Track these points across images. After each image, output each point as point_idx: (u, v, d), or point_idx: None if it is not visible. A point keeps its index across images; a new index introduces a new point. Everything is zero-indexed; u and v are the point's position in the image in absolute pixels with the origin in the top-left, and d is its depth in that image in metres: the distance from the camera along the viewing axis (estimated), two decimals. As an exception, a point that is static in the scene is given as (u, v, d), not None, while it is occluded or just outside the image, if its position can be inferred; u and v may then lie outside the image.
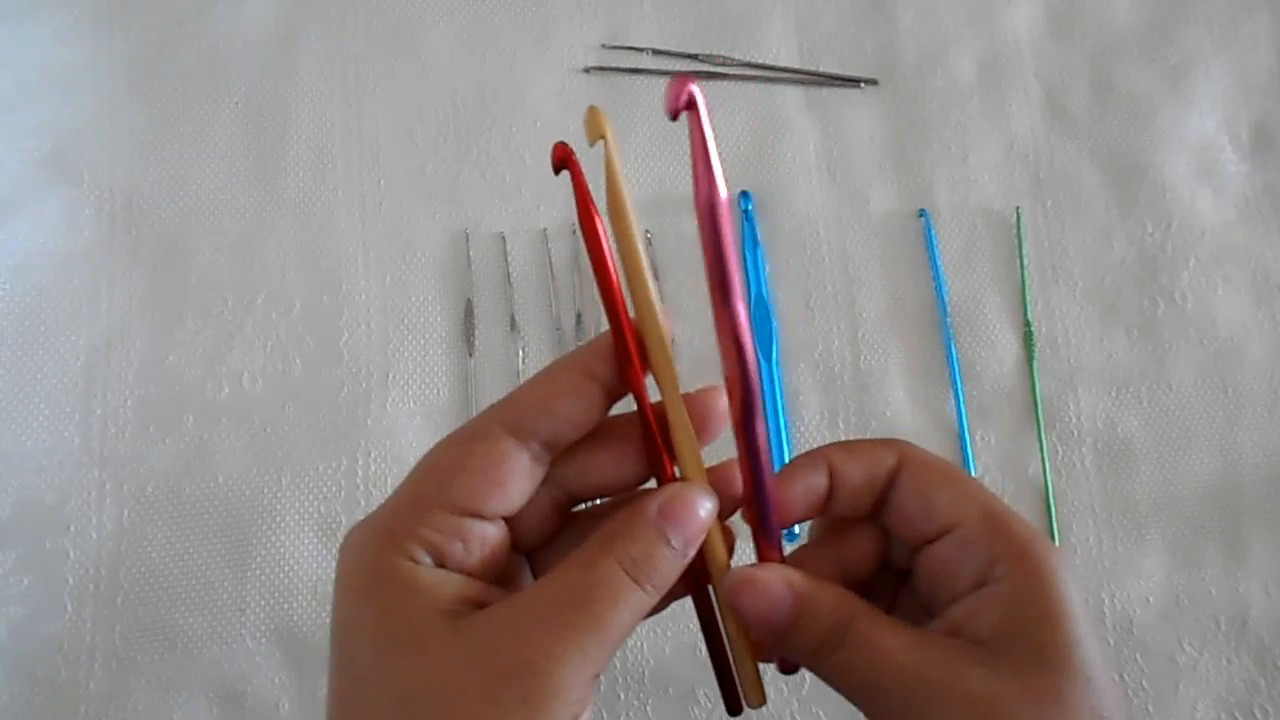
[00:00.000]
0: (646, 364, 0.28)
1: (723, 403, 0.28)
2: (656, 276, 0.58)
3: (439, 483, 0.27)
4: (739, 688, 0.30)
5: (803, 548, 0.31)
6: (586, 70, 0.62)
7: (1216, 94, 0.64)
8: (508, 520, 0.28)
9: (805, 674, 0.31)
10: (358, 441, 0.55)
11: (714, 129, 0.27)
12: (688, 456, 0.28)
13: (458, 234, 0.58)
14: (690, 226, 0.60)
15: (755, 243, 0.58)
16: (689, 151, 0.27)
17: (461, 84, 0.61)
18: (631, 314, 0.28)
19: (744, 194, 0.59)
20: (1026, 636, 0.25)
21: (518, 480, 0.27)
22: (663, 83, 0.62)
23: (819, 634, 0.27)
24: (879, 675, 0.26)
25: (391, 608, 0.25)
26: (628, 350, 0.27)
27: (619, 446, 0.29)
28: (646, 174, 0.60)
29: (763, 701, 0.30)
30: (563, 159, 0.28)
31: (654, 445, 0.28)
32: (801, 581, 0.27)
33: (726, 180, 0.27)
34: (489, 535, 0.27)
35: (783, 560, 0.29)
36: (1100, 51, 0.64)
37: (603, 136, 0.27)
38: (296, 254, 0.57)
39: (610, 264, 0.28)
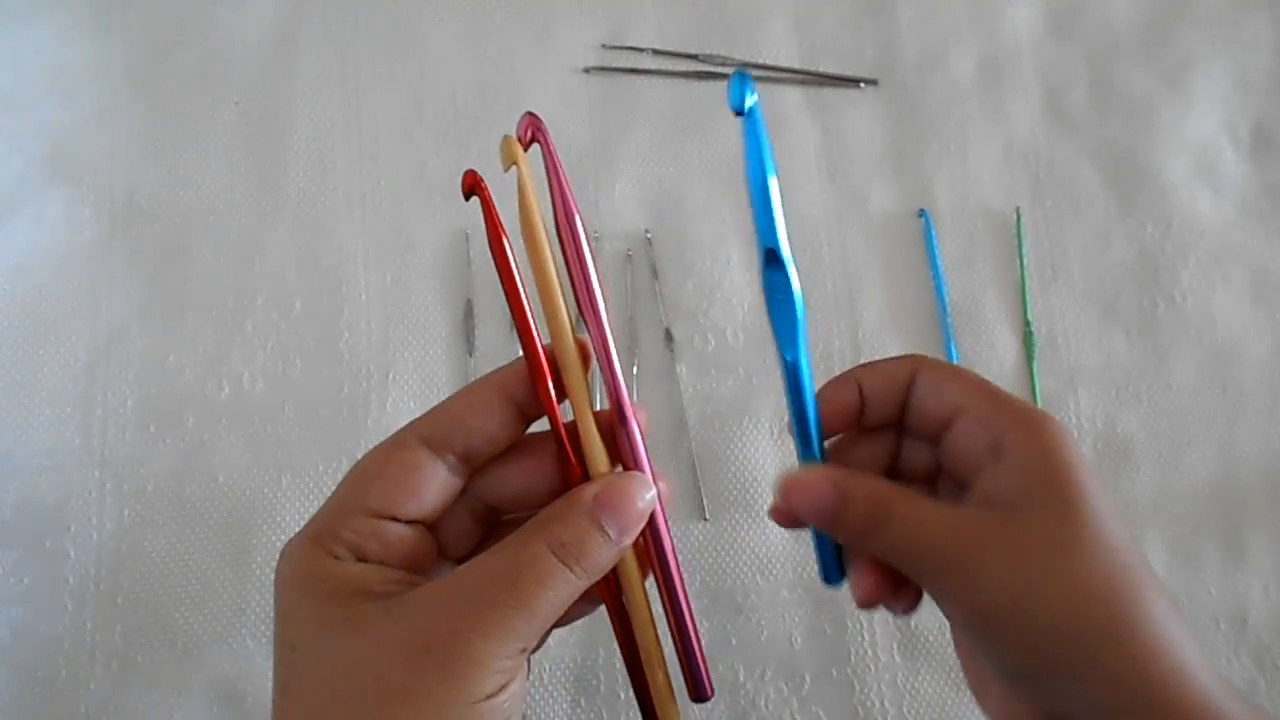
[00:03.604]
0: (560, 385, 0.29)
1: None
2: (656, 276, 0.58)
3: (359, 489, 0.29)
4: (654, 702, 0.31)
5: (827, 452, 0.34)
6: (586, 70, 0.62)
7: (1216, 94, 0.64)
8: (433, 528, 0.30)
9: (805, 675, 0.31)
10: (358, 441, 0.55)
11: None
12: (600, 472, 0.30)
13: (458, 234, 0.58)
14: (689, 227, 0.60)
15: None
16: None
17: (461, 84, 0.61)
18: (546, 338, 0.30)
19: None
20: (1038, 492, 0.28)
21: (430, 488, 0.29)
22: (664, 83, 0.62)
23: (863, 517, 0.29)
24: (921, 544, 0.28)
25: (327, 597, 0.27)
26: (539, 372, 0.29)
27: (533, 462, 0.30)
28: (646, 174, 0.60)
29: (677, 716, 0.31)
30: (471, 186, 0.29)
31: (566, 462, 0.30)
32: (841, 475, 0.30)
33: (577, 201, 0.30)
34: (406, 537, 0.29)
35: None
36: (1100, 51, 0.64)
37: (515, 164, 0.29)
38: (296, 254, 0.57)
39: (520, 288, 0.29)
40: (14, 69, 0.59)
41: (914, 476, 0.34)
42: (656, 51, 0.62)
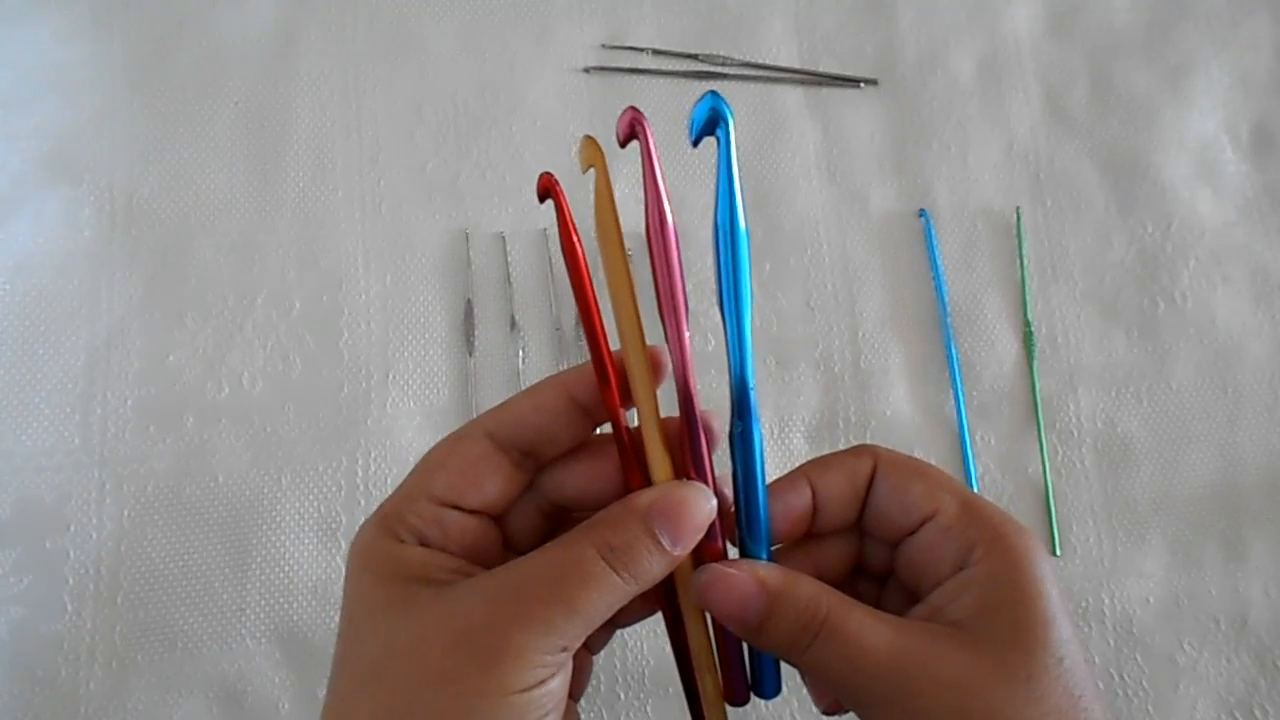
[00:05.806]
0: (626, 391, 0.29)
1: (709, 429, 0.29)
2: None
3: (425, 475, 0.29)
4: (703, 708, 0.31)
5: (777, 551, 0.31)
6: (586, 70, 0.62)
7: (1216, 94, 0.64)
8: (500, 520, 0.30)
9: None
10: (358, 441, 0.55)
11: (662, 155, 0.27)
12: (661, 480, 0.29)
13: (458, 234, 0.58)
14: (689, 227, 0.60)
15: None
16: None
17: (461, 84, 0.61)
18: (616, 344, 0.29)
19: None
20: (1001, 617, 0.26)
21: (492, 480, 0.29)
22: (664, 82, 0.62)
23: (794, 628, 0.27)
24: (857, 667, 0.26)
25: (387, 577, 0.27)
26: (606, 379, 0.29)
27: (598, 464, 0.30)
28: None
29: None
30: (547, 189, 0.28)
31: (630, 468, 0.29)
32: (774, 576, 0.28)
33: (672, 205, 0.29)
34: (468, 527, 0.29)
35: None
36: (1100, 51, 0.64)
37: (593, 166, 0.28)
38: (296, 254, 0.57)
39: (591, 295, 0.29)
40: (14, 69, 0.59)
41: (871, 571, 0.31)
42: (656, 51, 0.62)
